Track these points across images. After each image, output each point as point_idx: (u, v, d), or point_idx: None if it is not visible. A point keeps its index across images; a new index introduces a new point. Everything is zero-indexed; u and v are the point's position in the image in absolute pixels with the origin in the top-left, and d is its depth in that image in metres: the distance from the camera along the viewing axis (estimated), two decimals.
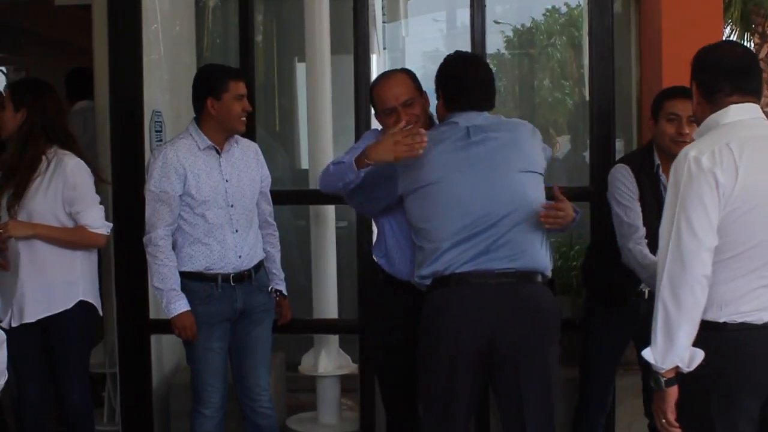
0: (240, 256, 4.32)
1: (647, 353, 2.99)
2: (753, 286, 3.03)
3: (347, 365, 5.65)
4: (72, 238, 4.33)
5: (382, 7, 8.31)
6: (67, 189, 4.30)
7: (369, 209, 4.19)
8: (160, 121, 5.34)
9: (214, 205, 4.26)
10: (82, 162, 4.37)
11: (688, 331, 2.95)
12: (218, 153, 4.31)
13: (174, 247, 4.27)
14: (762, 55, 16.90)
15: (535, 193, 3.73)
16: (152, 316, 4.95)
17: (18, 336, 4.23)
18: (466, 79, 3.86)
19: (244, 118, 4.30)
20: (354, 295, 5.11)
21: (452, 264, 3.63)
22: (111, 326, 4.98)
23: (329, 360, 5.62)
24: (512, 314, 3.58)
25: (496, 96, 3.92)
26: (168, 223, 4.23)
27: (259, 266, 4.45)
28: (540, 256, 3.68)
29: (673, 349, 2.95)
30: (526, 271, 3.63)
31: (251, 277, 4.37)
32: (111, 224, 4.45)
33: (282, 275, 4.61)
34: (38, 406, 4.42)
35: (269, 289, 4.51)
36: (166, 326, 4.42)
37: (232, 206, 4.30)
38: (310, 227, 5.68)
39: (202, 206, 4.24)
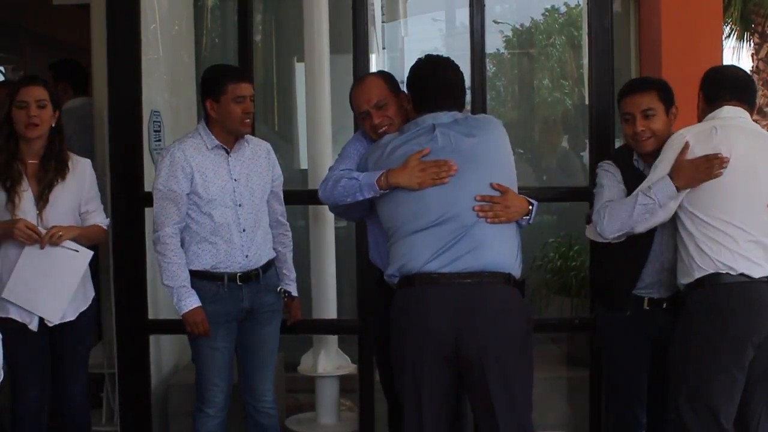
0: (247, 256, 4.31)
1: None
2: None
3: (346, 366, 5.65)
4: (93, 236, 4.41)
5: (381, 7, 8.30)
6: (86, 190, 4.38)
7: (351, 215, 4.29)
8: (159, 121, 5.33)
9: (222, 204, 4.26)
10: (90, 161, 4.49)
11: None
12: (227, 152, 4.30)
13: (182, 245, 4.27)
14: (762, 54, 16.89)
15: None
16: (151, 316, 4.95)
17: (29, 339, 4.26)
18: (431, 81, 3.86)
19: (247, 120, 4.27)
20: (353, 296, 5.11)
21: (415, 263, 3.62)
22: (109, 327, 4.96)
23: (328, 360, 5.62)
24: (474, 315, 3.56)
25: (464, 96, 3.94)
26: (175, 221, 4.23)
27: (268, 266, 4.43)
28: (505, 257, 3.65)
29: None
30: (490, 272, 3.60)
31: (259, 277, 4.35)
32: (109, 220, 4.51)
33: (293, 275, 4.60)
34: (37, 411, 4.40)
35: (278, 289, 4.48)
36: (164, 327, 4.44)
37: (240, 206, 4.29)
38: (309, 227, 5.68)
39: (208, 205, 4.24)
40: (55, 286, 4.26)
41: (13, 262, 4.20)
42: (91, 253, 4.38)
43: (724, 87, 4.01)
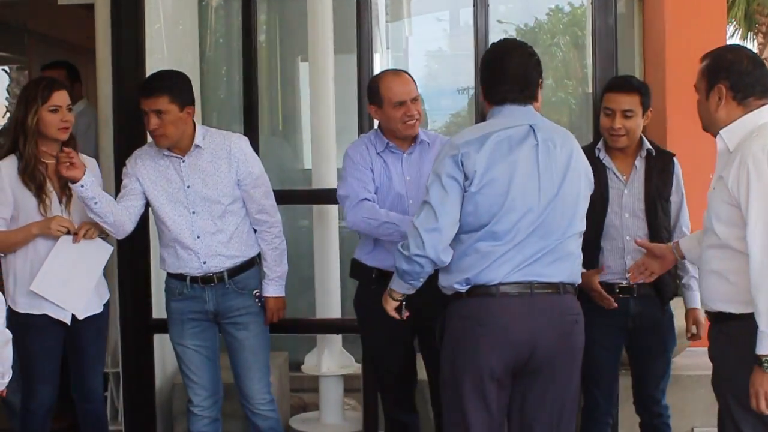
0: (205, 262, 4.30)
1: (765, 340, 3.14)
2: None
3: (350, 365, 5.65)
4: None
5: (386, 7, 8.29)
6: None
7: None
8: None
9: (174, 212, 4.28)
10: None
11: None
12: (181, 158, 4.30)
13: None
14: (766, 54, 16.89)
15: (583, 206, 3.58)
16: (155, 315, 4.95)
17: (45, 335, 4.32)
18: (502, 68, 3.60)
19: (155, 136, 4.24)
20: None
21: (495, 273, 3.44)
22: (114, 326, 4.97)
23: (332, 360, 5.62)
24: (553, 326, 3.47)
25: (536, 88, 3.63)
26: (119, 199, 4.35)
27: (240, 269, 4.38)
28: (577, 267, 3.59)
29: None
30: (566, 283, 3.51)
31: (224, 280, 4.33)
32: None
33: (274, 275, 4.42)
34: (48, 407, 4.45)
35: (254, 292, 4.41)
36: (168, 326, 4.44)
37: (194, 213, 4.28)
38: (313, 227, 5.68)
39: (161, 214, 4.30)
40: (81, 280, 4.35)
41: (42, 257, 4.28)
42: (112, 248, 4.50)
43: (758, 79, 3.43)
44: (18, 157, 4.30)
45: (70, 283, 4.31)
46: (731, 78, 3.38)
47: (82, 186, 4.10)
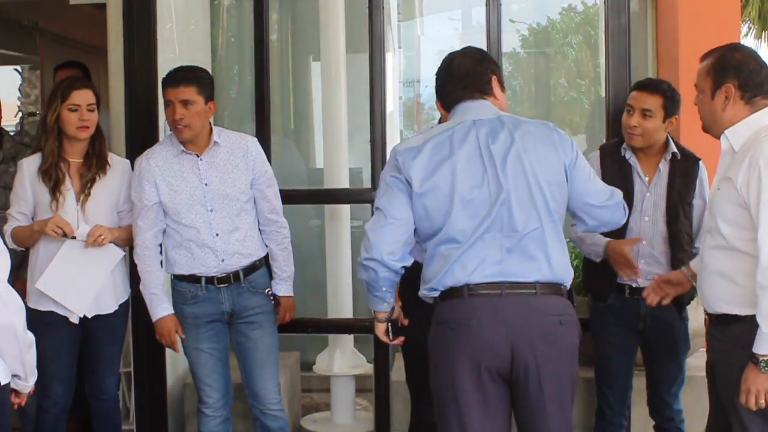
0: (223, 260, 4.30)
1: (764, 341, 3.14)
2: None
3: (362, 365, 5.65)
4: (130, 237, 4.45)
5: (397, 6, 8.28)
6: (125, 189, 4.47)
7: None
8: None
9: (191, 210, 4.27)
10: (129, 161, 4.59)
11: None
12: (198, 156, 4.30)
13: (163, 250, 4.37)
14: None
15: (557, 198, 3.41)
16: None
17: (58, 334, 4.36)
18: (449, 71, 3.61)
19: (179, 126, 4.22)
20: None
21: (464, 274, 3.33)
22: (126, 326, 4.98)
23: (344, 360, 5.62)
24: (530, 329, 3.31)
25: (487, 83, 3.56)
26: (146, 230, 4.30)
27: (253, 267, 4.38)
28: (559, 267, 3.39)
29: None
30: (544, 283, 3.34)
31: (239, 279, 4.33)
32: None
33: (284, 275, 4.46)
34: (62, 406, 4.48)
35: (266, 291, 4.42)
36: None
37: (211, 210, 4.27)
38: (325, 226, 5.67)
39: (177, 213, 4.28)
40: (85, 282, 4.36)
41: (53, 256, 4.32)
42: (123, 253, 4.50)
43: (765, 78, 3.42)
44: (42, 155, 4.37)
45: (76, 283, 4.33)
46: (740, 77, 3.36)
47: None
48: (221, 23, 6.86)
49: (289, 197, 4.66)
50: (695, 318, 4.48)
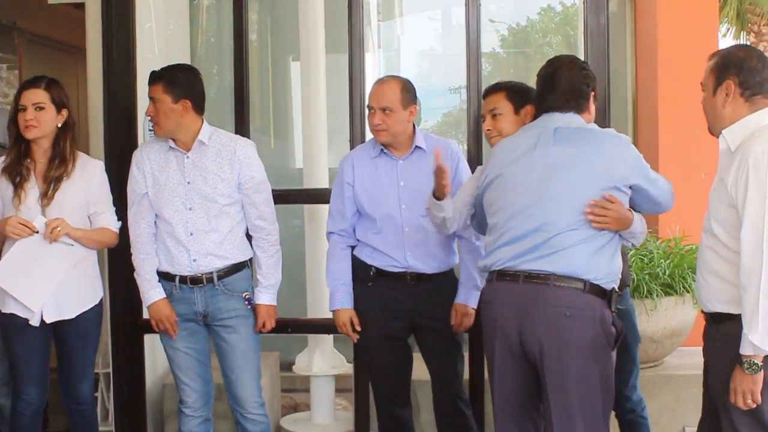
0: (195, 260, 4.26)
1: (747, 343, 3.16)
2: None
3: (341, 365, 5.65)
4: (101, 238, 4.44)
5: (377, 6, 8.29)
6: (95, 190, 4.42)
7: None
8: None
9: (170, 206, 4.26)
10: (102, 163, 4.54)
11: None
12: (185, 154, 4.30)
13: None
14: None
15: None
16: (145, 315, 4.93)
17: (28, 336, 4.30)
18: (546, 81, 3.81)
19: (153, 123, 4.28)
20: None
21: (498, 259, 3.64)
22: (104, 326, 4.95)
23: (323, 360, 5.61)
24: (535, 315, 3.52)
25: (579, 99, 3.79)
26: (139, 219, 4.32)
27: (231, 271, 4.33)
28: (584, 264, 3.53)
29: None
30: (560, 275, 3.50)
31: (213, 281, 4.30)
32: (120, 223, 4.48)
33: (267, 282, 4.39)
34: (36, 408, 4.43)
35: (243, 295, 4.36)
36: None
37: (190, 209, 4.25)
38: (305, 226, 5.67)
39: (158, 206, 4.28)
40: (43, 277, 4.28)
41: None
42: (86, 253, 4.40)
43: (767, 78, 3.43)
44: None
45: (31, 277, 4.26)
46: (741, 74, 3.36)
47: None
48: (200, 23, 6.85)
49: None
50: (670, 318, 4.50)
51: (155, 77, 4.25)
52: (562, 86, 3.73)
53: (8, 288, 4.26)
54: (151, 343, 5.09)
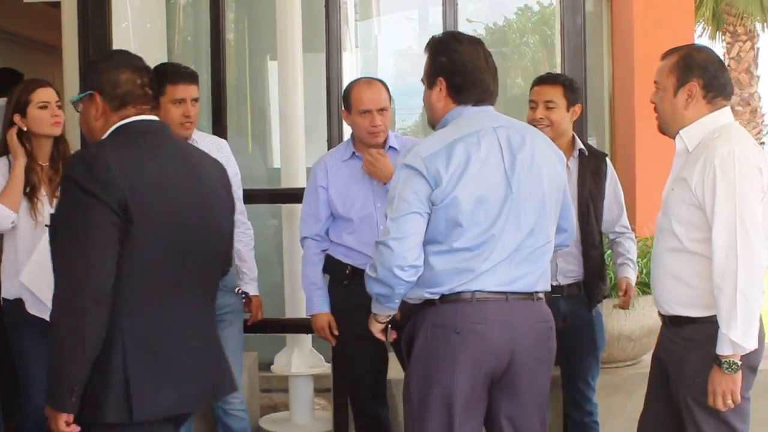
0: None
1: (726, 343, 3.16)
2: None
3: (320, 365, 5.64)
4: None
5: (355, 5, 8.30)
6: None
7: None
8: None
9: None
10: None
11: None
12: None
13: None
14: (733, 54, 17.01)
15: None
16: None
17: (32, 335, 4.18)
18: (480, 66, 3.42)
19: (186, 124, 4.25)
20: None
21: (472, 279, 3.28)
22: None
23: (302, 359, 5.60)
24: (528, 334, 3.34)
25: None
26: None
27: None
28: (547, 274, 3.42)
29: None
30: (538, 291, 3.37)
31: None
32: None
33: (253, 274, 4.56)
34: (42, 410, 4.37)
35: (236, 290, 4.45)
36: None
37: None
38: (282, 226, 5.66)
39: None
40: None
41: (21, 251, 4.17)
42: None
43: (728, 80, 3.46)
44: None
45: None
46: (705, 77, 3.37)
47: None
48: (177, 22, 6.83)
49: (247, 197, 4.65)
50: (641, 319, 4.52)
51: (194, 76, 4.29)
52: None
53: (36, 290, 4.18)
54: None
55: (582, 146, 4.35)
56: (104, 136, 3.03)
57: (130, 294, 2.85)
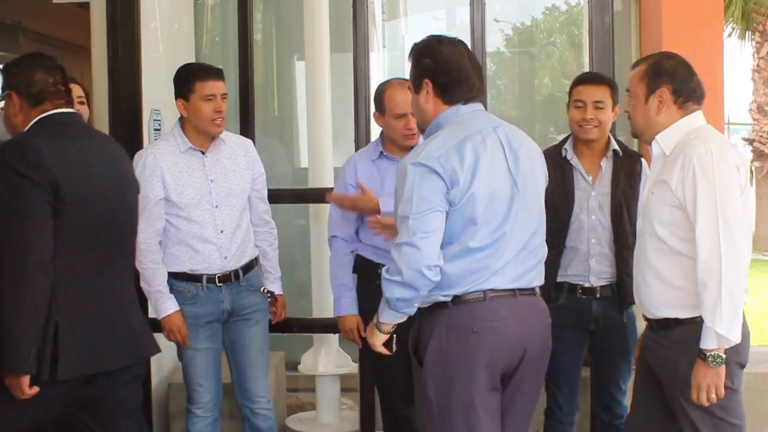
0: (225, 257, 4.28)
1: (711, 336, 3.21)
2: None
3: (347, 364, 5.65)
4: None
5: (382, 5, 8.29)
6: None
7: None
8: (159, 119, 5.32)
9: (198, 207, 4.24)
10: None
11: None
12: (203, 153, 4.29)
13: (162, 247, 4.27)
14: (763, 53, 16.90)
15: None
16: (151, 315, 4.93)
17: None
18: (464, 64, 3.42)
19: (217, 120, 4.23)
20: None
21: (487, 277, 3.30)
22: None
23: (329, 359, 5.61)
24: (536, 329, 3.42)
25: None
26: (150, 225, 4.19)
27: (250, 266, 4.40)
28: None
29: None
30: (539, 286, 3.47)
31: (239, 278, 4.33)
32: None
33: (278, 274, 4.56)
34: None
35: (261, 289, 4.45)
36: None
37: (216, 207, 4.26)
38: (310, 226, 5.67)
39: (183, 208, 4.23)
40: None
41: None
42: None
43: (698, 84, 3.57)
44: None
45: None
46: (674, 82, 3.48)
47: None
48: (205, 22, 6.85)
49: (274, 197, 4.66)
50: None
51: (221, 73, 4.29)
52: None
53: None
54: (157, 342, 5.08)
55: (616, 146, 4.34)
56: (26, 128, 3.45)
57: (62, 266, 3.27)
